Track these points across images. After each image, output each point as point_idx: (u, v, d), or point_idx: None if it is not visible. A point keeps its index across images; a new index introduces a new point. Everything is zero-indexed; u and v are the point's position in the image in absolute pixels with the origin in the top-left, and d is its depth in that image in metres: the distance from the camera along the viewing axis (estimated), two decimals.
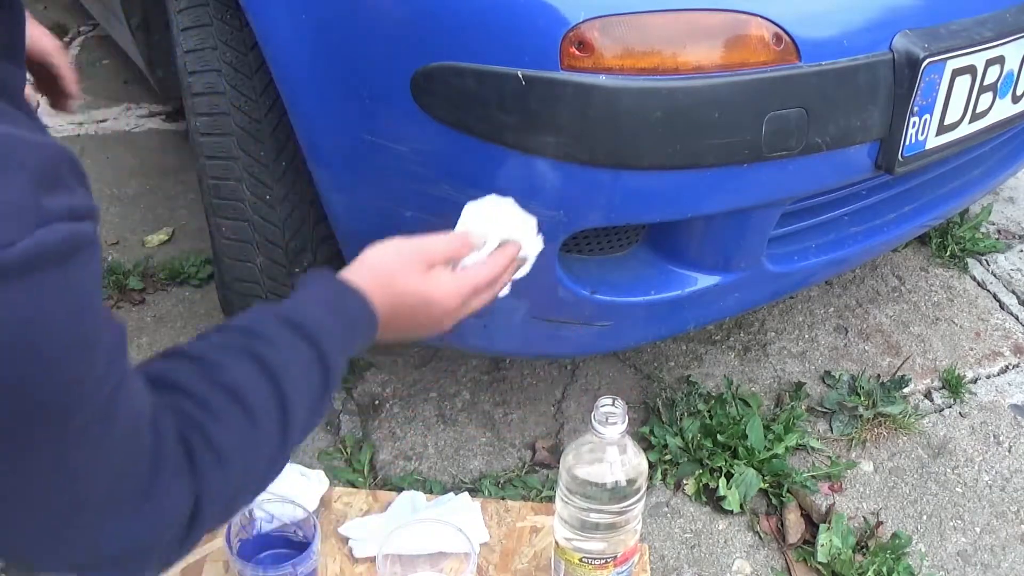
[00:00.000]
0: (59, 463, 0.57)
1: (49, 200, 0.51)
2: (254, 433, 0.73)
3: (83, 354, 0.54)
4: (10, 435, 0.53)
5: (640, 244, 1.31)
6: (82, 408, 0.56)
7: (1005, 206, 2.26)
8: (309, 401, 0.78)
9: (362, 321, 0.87)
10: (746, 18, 1.10)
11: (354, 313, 0.86)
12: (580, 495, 1.13)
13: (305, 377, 0.78)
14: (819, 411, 1.64)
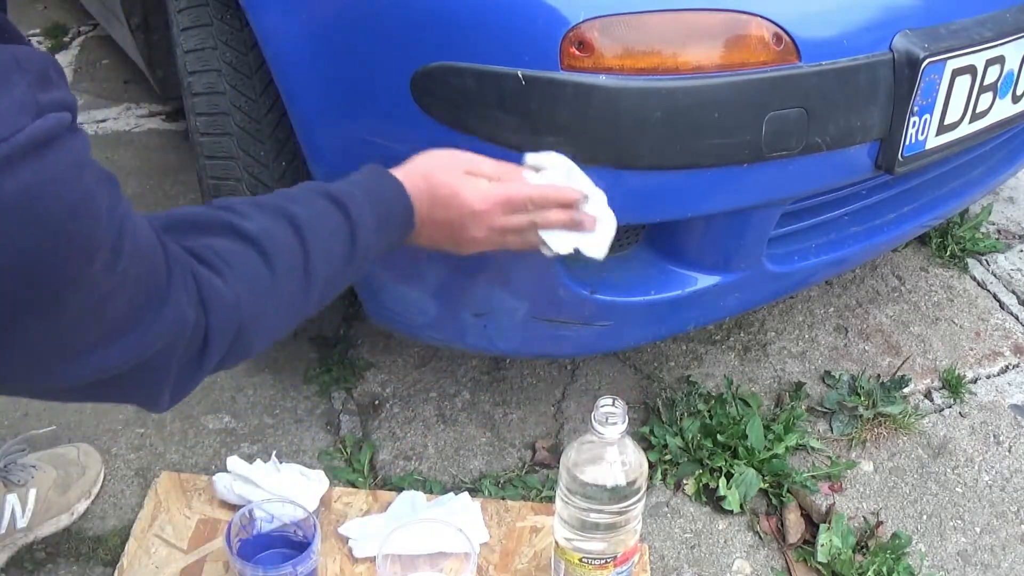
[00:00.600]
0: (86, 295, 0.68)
1: (43, 96, 0.63)
2: (268, 273, 0.83)
3: (87, 206, 0.65)
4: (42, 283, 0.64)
5: (640, 244, 1.31)
6: (97, 248, 0.67)
7: (1005, 206, 2.26)
8: (333, 261, 0.88)
9: (397, 205, 0.96)
10: (746, 18, 1.10)
11: (389, 195, 0.96)
12: (580, 495, 1.13)
13: (330, 238, 0.88)
14: (819, 411, 1.64)
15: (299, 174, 1.35)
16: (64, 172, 0.63)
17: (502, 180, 1.03)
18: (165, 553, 1.29)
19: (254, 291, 0.83)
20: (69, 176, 0.64)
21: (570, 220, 1.05)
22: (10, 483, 1.32)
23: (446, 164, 1.01)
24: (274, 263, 0.85)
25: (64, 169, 0.63)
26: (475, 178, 1.02)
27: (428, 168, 1.00)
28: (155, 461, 1.48)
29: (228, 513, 1.33)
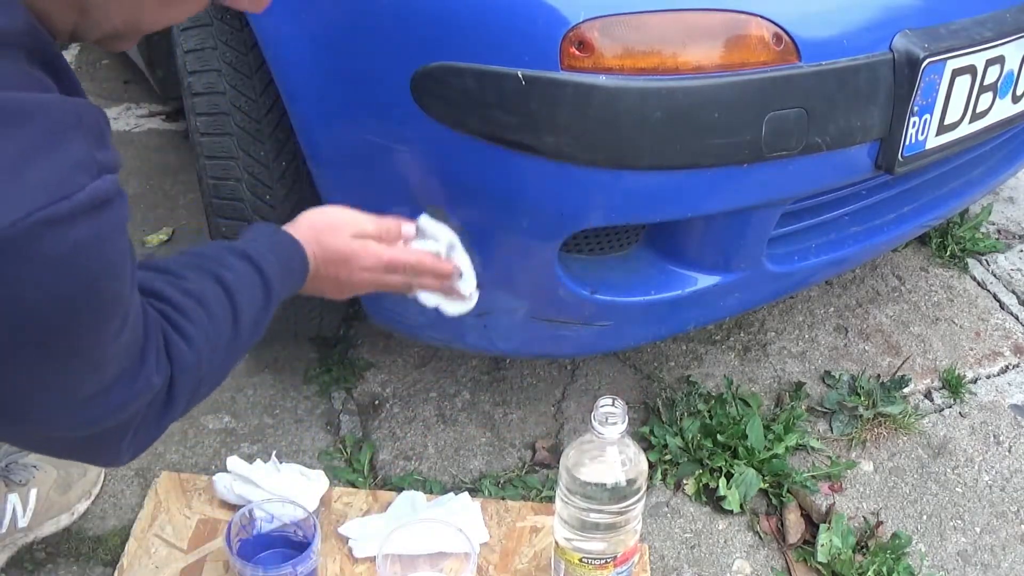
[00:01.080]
0: (98, 350, 0.72)
1: (99, 155, 0.66)
2: (214, 329, 0.90)
3: (121, 267, 0.70)
4: (70, 331, 0.68)
5: (640, 244, 1.31)
6: (118, 306, 0.72)
7: (1005, 206, 2.26)
8: (254, 313, 0.97)
9: (297, 263, 1.04)
10: (746, 18, 1.10)
11: (291, 254, 1.04)
12: (580, 495, 1.13)
13: (251, 294, 0.96)
14: (819, 411, 1.64)
15: (299, 174, 1.35)
16: (110, 233, 0.67)
17: (383, 235, 1.11)
18: (165, 553, 1.29)
19: (211, 349, 0.90)
20: (113, 237, 0.67)
21: (441, 289, 1.15)
22: (11, 483, 1.32)
23: (336, 228, 1.09)
24: (217, 321, 0.91)
25: (110, 230, 0.67)
26: (362, 240, 1.09)
27: (320, 232, 1.08)
28: (155, 461, 1.48)
29: (228, 513, 1.33)
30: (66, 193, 0.62)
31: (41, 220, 0.61)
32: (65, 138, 0.64)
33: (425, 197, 1.20)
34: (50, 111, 0.64)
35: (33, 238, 0.61)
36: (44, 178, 0.62)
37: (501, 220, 1.18)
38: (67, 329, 0.68)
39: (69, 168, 0.63)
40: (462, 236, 1.14)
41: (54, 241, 0.62)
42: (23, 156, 0.61)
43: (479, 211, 1.19)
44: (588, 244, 1.28)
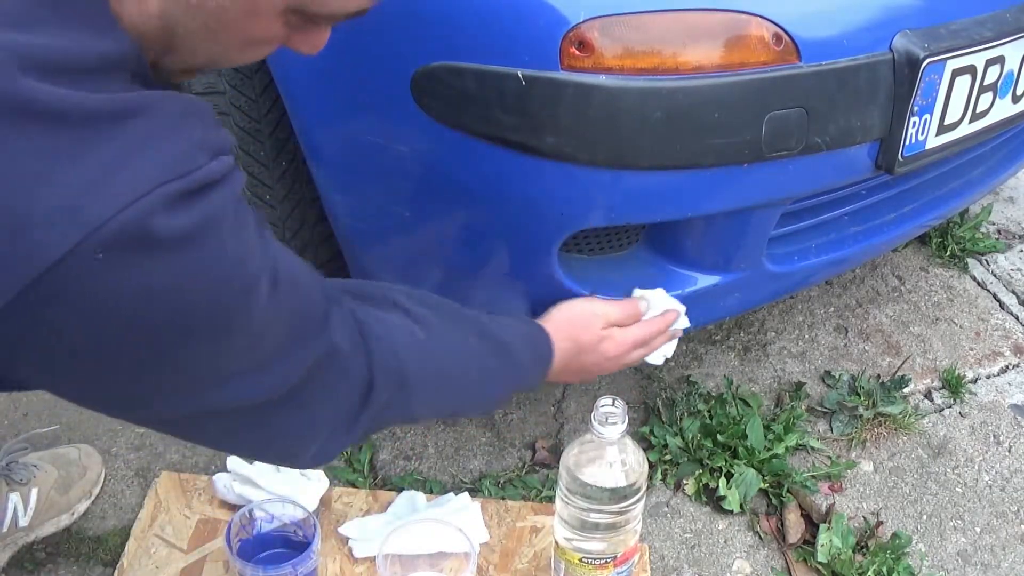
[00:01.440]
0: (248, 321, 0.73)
1: (215, 138, 0.69)
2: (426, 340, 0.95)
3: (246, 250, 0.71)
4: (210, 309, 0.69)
5: (640, 244, 1.31)
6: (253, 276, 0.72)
7: (1005, 206, 2.26)
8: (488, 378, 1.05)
9: (544, 364, 1.13)
10: (746, 18, 1.10)
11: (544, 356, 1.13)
12: (580, 495, 1.13)
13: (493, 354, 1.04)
14: (819, 411, 1.64)
15: (299, 174, 1.35)
16: (228, 207, 0.69)
17: (627, 320, 1.21)
18: (165, 553, 1.29)
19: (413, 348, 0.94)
20: (231, 210, 0.69)
21: (668, 338, 1.27)
22: (12, 482, 1.32)
23: (588, 321, 1.18)
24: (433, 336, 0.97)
25: (229, 204, 0.69)
26: (610, 330, 1.19)
27: (570, 327, 1.17)
28: (155, 461, 1.48)
29: (228, 513, 1.33)
30: (188, 170, 0.64)
31: (163, 196, 0.62)
32: (184, 122, 0.67)
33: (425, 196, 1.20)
34: (168, 101, 0.67)
35: (155, 214, 0.62)
36: (164, 158, 0.64)
37: (501, 220, 1.18)
38: (205, 309, 0.68)
39: (189, 147, 0.66)
40: None
41: (178, 217, 0.63)
42: (144, 141, 0.64)
43: (479, 211, 1.19)
44: (588, 244, 1.28)
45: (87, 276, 0.61)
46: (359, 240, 1.32)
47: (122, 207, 0.60)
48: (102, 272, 0.61)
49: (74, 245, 0.59)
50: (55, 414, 1.54)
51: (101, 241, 0.60)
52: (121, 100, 0.64)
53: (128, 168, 0.62)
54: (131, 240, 0.61)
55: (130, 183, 0.61)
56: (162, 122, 0.66)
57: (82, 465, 1.41)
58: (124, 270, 0.62)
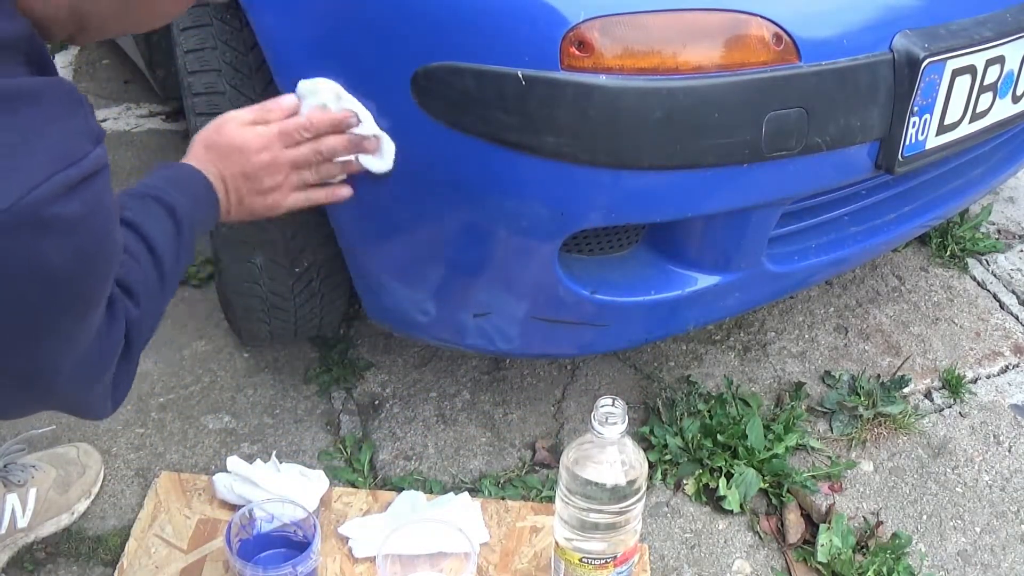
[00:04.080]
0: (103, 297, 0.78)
1: (95, 124, 0.72)
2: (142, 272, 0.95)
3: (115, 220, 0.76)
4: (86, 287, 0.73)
5: (640, 244, 1.31)
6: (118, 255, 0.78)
7: (1005, 206, 2.26)
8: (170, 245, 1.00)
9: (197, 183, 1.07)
10: (746, 18, 1.10)
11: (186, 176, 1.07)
12: (580, 495, 1.13)
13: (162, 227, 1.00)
14: (819, 411, 1.64)
15: None
16: (106, 190, 0.73)
17: (264, 116, 1.12)
18: (165, 553, 1.29)
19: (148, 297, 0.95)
20: (108, 194, 0.73)
21: (349, 143, 1.13)
22: (10, 483, 1.32)
23: (216, 129, 1.11)
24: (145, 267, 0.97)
25: (106, 188, 0.73)
26: (248, 127, 1.11)
27: (205, 140, 1.11)
28: (155, 461, 1.48)
29: (228, 513, 1.33)
30: (76, 158, 0.68)
31: (57, 184, 0.66)
32: (71, 111, 0.70)
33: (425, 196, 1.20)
34: (56, 88, 0.70)
35: (50, 202, 0.65)
36: (56, 147, 0.67)
37: (501, 220, 1.18)
38: (86, 283, 0.73)
39: (76, 136, 0.69)
40: None
41: (70, 203, 0.67)
42: (37, 129, 0.66)
43: (479, 211, 1.19)
44: (588, 244, 1.28)
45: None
46: (359, 240, 1.32)
47: (16, 198, 0.63)
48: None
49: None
50: (54, 414, 1.54)
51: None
52: (12, 85, 0.65)
53: (22, 156, 0.64)
54: (25, 226, 0.64)
55: (24, 173, 0.64)
56: (51, 110, 0.68)
57: (81, 464, 1.41)
58: (15, 253, 0.65)
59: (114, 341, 0.86)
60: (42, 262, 0.67)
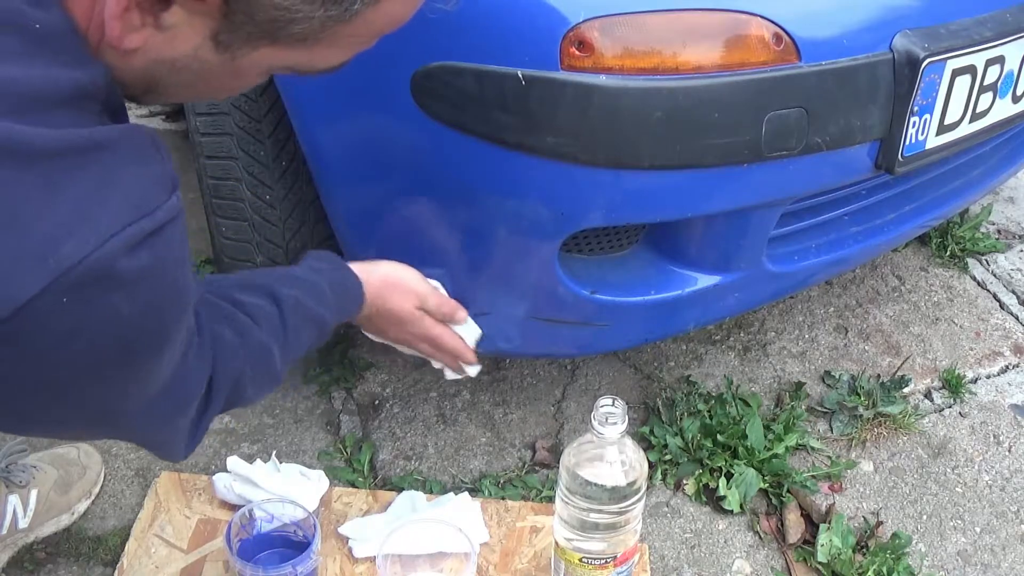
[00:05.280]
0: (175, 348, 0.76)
1: (171, 170, 0.70)
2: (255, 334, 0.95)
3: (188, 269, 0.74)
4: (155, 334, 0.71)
5: (640, 244, 1.31)
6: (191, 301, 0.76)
7: (1005, 206, 2.26)
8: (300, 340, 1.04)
9: (353, 304, 1.13)
10: (746, 18, 1.10)
11: (351, 298, 1.13)
12: (580, 495, 1.13)
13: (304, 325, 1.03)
14: (819, 411, 1.64)
15: (299, 174, 1.35)
16: (180, 240, 0.70)
17: (443, 315, 1.23)
18: (165, 553, 1.29)
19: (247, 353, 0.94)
20: (182, 243, 0.71)
21: (452, 367, 1.32)
22: (11, 484, 1.32)
23: (405, 294, 1.19)
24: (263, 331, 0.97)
25: (180, 237, 0.70)
26: (421, 312, 1.21)
27: (389, 293, 1.18)
28: (155, 461, 1.48)
29: (228, 513, 1.33)
30: (150, 209, 0.66)
31: (129, 237, 0.64)
32: (147, 158, 0.68)
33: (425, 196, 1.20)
34: (133, 136, 0.68)
35: (122, 255, 0.63)
36: (129, 197, 0.65)
37: (501, 220, 1.18)
38: (155, 332, 0.71)
39: (151, 185, 0.67)
40: None
41: (141, 255, 0.65)
42: (111, 179, 0.64)
43: (479, 211, 1.19)
44: (588, 244, 1.28)
45: (47, 318, 0.61)
46: (359, 240, 1.32)
47: (90, 251, 0.61)
48: (62, 313, 0.62)
49: (40, 290, 0.60)
50: None
51: (66, 285, 0.61)
52: (88, 136, 0.64)
53: (95, 208, 0.63)
54: (95, 281, 0.62)
55: (97, 225, 0.62)
56: (127, 157, 0.66)
57: (82, 464, 1.41)
58: (84, 308, 0.63)
59: (191, 386, 0.84)
60: (111, 314, 0.65)
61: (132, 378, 0.72)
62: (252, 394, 0.97)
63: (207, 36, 0.68)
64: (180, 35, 0.68)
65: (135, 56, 0.69)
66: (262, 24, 0.67)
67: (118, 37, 0.66)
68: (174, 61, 0.70)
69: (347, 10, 0.68)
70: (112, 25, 0.66)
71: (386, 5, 0.72)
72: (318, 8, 0.67)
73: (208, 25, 0.67)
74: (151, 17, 0.66)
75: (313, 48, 0.71)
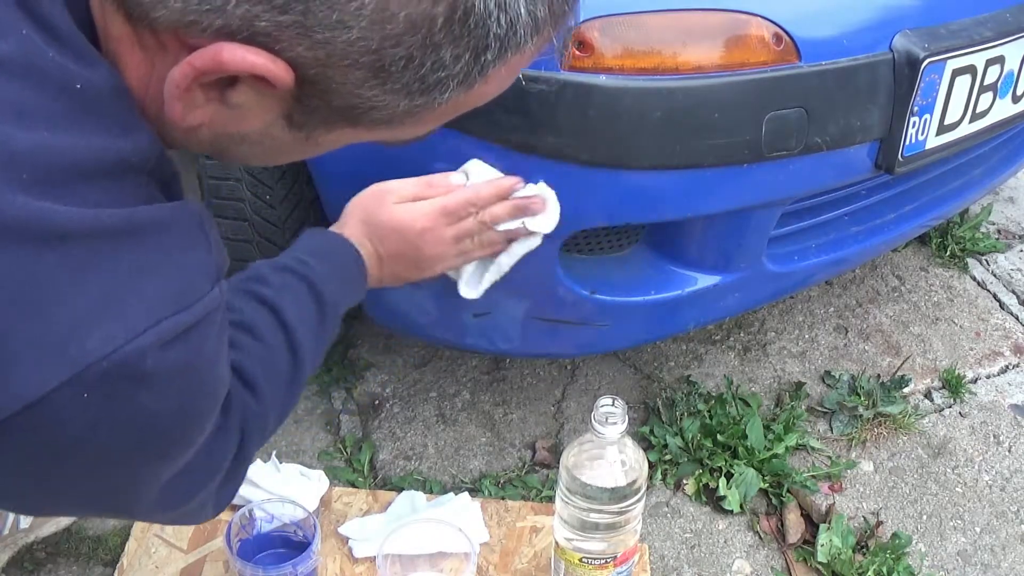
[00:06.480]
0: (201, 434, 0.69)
1: (218, 259, 0.64)
2: (272, 362, 0.86)
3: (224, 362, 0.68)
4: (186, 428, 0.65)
5: (640, 244, 1.31)
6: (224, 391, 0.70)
7: (1005, 206, 2.26)
8: (310, 325, 0.92)
9: (347, 259, 1.01)
10: (746, 18, 1.10)
11: (336, 252, 1.01)
12: (580, 495, 1.13)
13: (300, 304, 0.92)
14: (819, 411, 1.64)
15: (299, 174, 1.35)
16: (217, 334, 0.65)
17: (425, 192, 1.08)
18: (165, 553, 1.29)
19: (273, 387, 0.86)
20: (219, 336, 0.65)
21: (515, 207, 1.09)
22: None
23: (375, 202, 1.06)
24: (273, 352, 0.88)
25: (217, 329, 0.65)
26: (408, 204, 1.06)
27: (361, 212, 1.05)
28: None
29: (228, 513, 1.33)
30: (188, 302, 0.60)
31: (163, 332, 0.58)
32: (193, 242, 0.62)
33: None
34: (181, 216, 0.62)
35: (153, 351, 0.58)
36: (168, 287, 0.59)
37: None
38: (187, 428, 0.66)
39: (193, 274, 0.61)
40: None
41: (173, 352, 0.59)
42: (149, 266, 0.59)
43: None
44: (588, 244, 1.28)
45: (64, 413, 0.56)
46: None
47: (118, 345, 0.56)
48: (82, 409, 0.56)
49: (58, 384, 0.55)
50: None
51: (89, 380, 0.55)
52: (125, 217, 0.57)
53: (127, 297, 0.57)
54: (121, 378, 0.57)
55: (128, 316, 0.57)
56: (169, 241, 0.60)
57: None
58: (107, 404, 0.57)
59: (219, 455, 0.77)
60: (137, 411, 0.59)
61: (155, 468, 0.67)
62: (275, 427, 0.89)
63: (279, 115, 0.62)
64: (249, 113, 0.62)
65: (200, 130, 0.63)
66: (339, 110, 0.62)
67: (180, 116, 0.61)
68: (244, 136, 0.65)
69: (435, 100, 0.62)
70: (173, 106, 0.60)
71: (479, 89, 0.65)
72: (402, 99, 0.61)
73: (279, 106, 0.61)
74: (216, 93, 0.60)
75: (396, 128, 0.66)
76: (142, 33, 0.58)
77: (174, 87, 0.58)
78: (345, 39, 0.56)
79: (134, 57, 0.60)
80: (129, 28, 0.58)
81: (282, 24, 0.55)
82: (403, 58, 0.58)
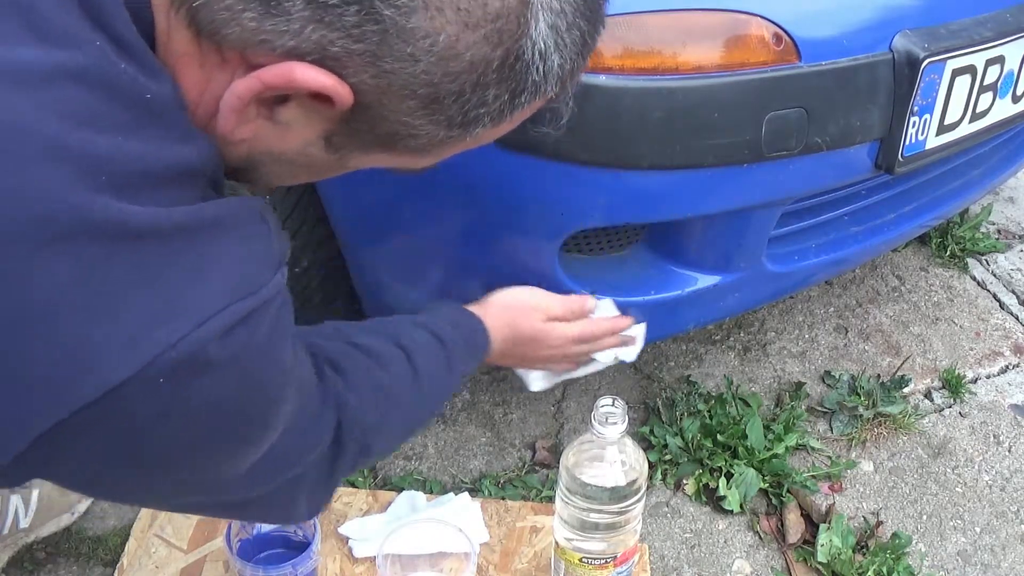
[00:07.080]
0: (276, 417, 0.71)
1: (280, 248, 0.67)
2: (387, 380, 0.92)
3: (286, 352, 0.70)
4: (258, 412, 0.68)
5: (640, 244, 1.31)
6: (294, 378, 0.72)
7: (1005, 206, 2.26)
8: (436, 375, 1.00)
9: (479, 340, 1.10)
10: (746, 18, 1.10)
11: (473, 332, 1.10)
12: (580, 495, 1.13)
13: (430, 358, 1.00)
14: (819, 411, 1.64)
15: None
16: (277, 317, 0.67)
17: (569, 314, 1.20)
18: (165, 553, 1.29)
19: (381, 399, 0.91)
20: (280, 320, 0.67)
21: (618, 342, 1.25)
22: None
23: (522, 314, 1.16)
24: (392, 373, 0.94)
25: (279, 314, 0.67)
26: (551, 322, 1.17)
27: (512, 317, 1.15)
28: None
29: None
30: (253, 289, 0.63)
31: (229, 317, 0.61)
32: (255, 233, 0.65)
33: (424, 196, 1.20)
34: (242, 210, 0.65)
35: (218, 337, 0.60)
36: (232, 275, 0.62)
37: (501, 220, 1.18)
38: (258, 411, 0.68)
39: (256, 262, 0.64)
40: None
41: (239, 336, 0.62)
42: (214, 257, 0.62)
43: (479, 211, 1.19)
44: (588, 244, 1.28)
45: (139, 401, 0.59)
46: (359, 240, 1.32)
47: (185, 333, 0.59)
48: (155, 396, 0.59)
49: (135, 371, 0.58)
50: None
51: (161, 368, 0.58)
52: (192, 213, 0.60)
53: (193, 288, 0.60)
54: (189, 365, 0.60)
55: (194, 306, 0.60)
56: (232, 234, 0.63)
57: None
58: (178, 391, 0.60)
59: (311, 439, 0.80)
60: (206, 396, 0.62)
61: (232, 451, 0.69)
62: (383, 444, 0.93)
63: (320, 135, 0.66)
64: (292, 131, 0.65)
65: (240, 146, 0.66)
66: (381, 135, 0.65)
67: (230, 130, 0.64)
68: (281, 153, 0.68)
69: (469, 131, 0.66)
70: (228, 118, 0.63)
71: (501, 127, 0.69)
72: (442, 129, 0.65)
73: (324, 127, 0.65)
74: (267, 110, 0.63)
75: (422, 156, 0.70)
76: (207, 49, 0.61)
77: (235, 99, 0.61)
78: (411, 71, 0.60)
79: (193, 72, 0.62)
80: (195, 44, 0.61)
81: (354, 52, 0.59)
82: (455, 93, 0.62)
